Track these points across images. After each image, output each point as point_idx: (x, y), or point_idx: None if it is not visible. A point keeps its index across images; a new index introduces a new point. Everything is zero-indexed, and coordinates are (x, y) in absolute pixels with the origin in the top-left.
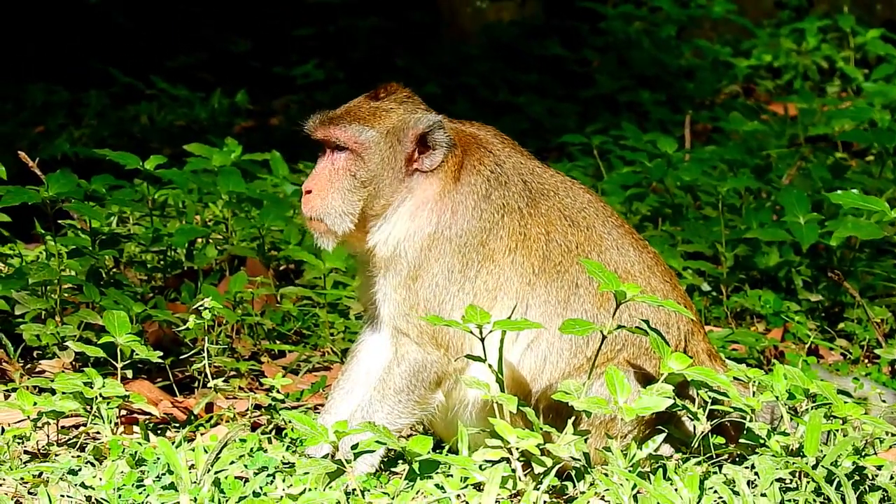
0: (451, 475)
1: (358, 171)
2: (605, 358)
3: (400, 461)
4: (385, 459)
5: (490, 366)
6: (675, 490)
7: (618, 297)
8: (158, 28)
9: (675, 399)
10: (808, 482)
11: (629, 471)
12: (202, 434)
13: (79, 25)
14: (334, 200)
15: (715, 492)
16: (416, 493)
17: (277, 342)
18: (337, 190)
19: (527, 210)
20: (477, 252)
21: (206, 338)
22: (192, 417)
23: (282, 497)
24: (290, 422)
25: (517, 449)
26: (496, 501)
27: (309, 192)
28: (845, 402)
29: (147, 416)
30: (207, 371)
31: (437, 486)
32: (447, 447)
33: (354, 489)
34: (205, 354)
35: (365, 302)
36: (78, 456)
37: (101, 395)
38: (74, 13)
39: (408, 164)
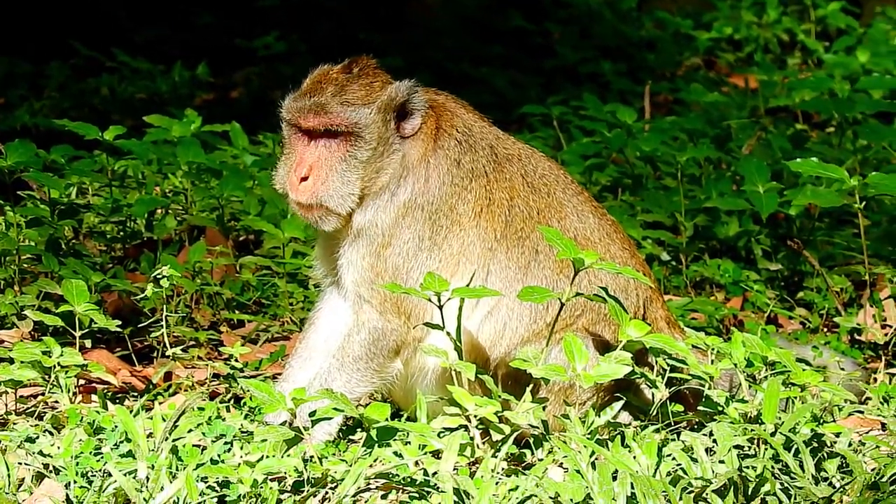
0: (409, 442)
1: (358, 151)
2: (564, 324)
3: (358, 429)
4: (343, 427)
5: (448, 333)
6: (634, 457)
7: (576, 264)
8: (120, 1)
9: (633, 367)
10: (766, 449)
11: (587, 438)
12: (160, 403)
13: None
14: (335, 183)
15: (673, 458)
16: (374, 460)
17: (236, 312)
18: (337, 173)
19: (493, 175)
20: (446, 217)
21: (165, 307)
22: (151, 386)
23: (239, 464)
24: (248, 390)
25: (475, 416)
26: (454, 468)
27: (304, 178)
28: (804, 370)
29: (105, 386)
30: (166, 340)
31: (395, 453)
32: (405, 415)
33: (312, 456)
34: (163, 324)
35: (325, 270)
36: (36, 425)
37: (59, 364)
38: None
39: (397, 134)
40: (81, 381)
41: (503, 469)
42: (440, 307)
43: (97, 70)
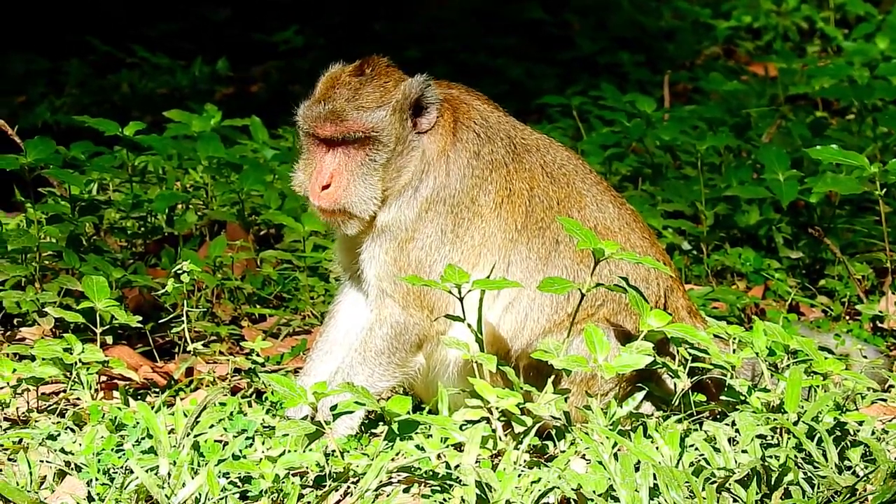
0: (431, 436)
1: (377, 154)
2: (585, 314)
3: (380, 423)
4: (365, 421)
5: (469, 325)
6: (656, 448)
7: (596, 254)
8: None
9: (655, 357)
10: (789, 438)
11: (609, 429)
12: (182, 399)
13: None
14: (358, 188)
15: (696, 449)
16: (396, 453)
17: (257, 306)
18: (358, 178)
19: (512, 165)
20: (468, 209)
21: (186, 302)
22: (172, 382)
23: (261, 459)
24: (269, 384)
25: (497, 409)
26: (476, 461)
27: (326, 186)
28: (826, 359)
29: (127, 382)
30: (187, 336)
31: (417, 446)
32: (427, 408)
33: (334, 450)
34: (184, 319)
35: (345, 264)
36: (58, 422)
37: (80, 360)
38: None
39: (414, 131)
40: (103, 378)
41: (525, 461)
42: (460, 299)
43: (116, 66)
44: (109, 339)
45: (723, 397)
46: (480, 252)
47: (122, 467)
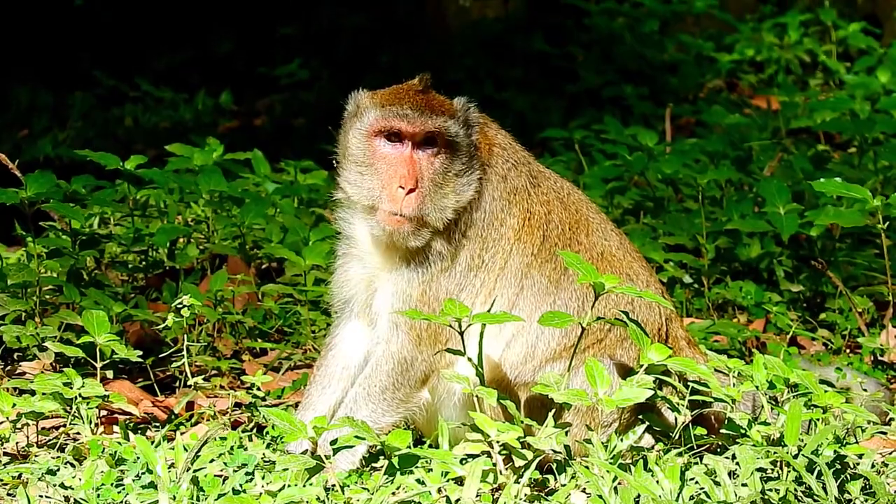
0: (432, 469)
1: (453, 163)
2: (594, 339)
3: (381, 457)
4: (366, 455)
5: (469, 359)
6: (657, 481)
7: (596, 288)
8: (143, 28)
9: (655, 390)
10: (789, 471)
11: (610, 462)
12: (182, 433)
13: (64, 26)
14: (437, 196)
15: (696, 482)
16: (397, 488)
17: (259, 340)
18: (439, 185)
19: (532, 190)
20: (497, 232)
21: (187, 337)
22: (173, 416)
23: (261, 494)
24: (269, 419)
25: (498, 442)
26: (477, 495)
27: (411, 190)
28: (826, 391)
29: (127, 416)
30: (188, 370)
31: (417, 480)
32: (428, 442)
33: (334, 485)
34: (185, 353)
35: (348, 296)
36: (57, 457)
37: (80, 395)
38: (59, 14)
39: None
40: (103, 412)
41: (526, 495)
42: (461, 333)
43: (120, 99)
44: (110, 374)
45: (723, 430)
46: (498, 276)
47: (121, 502)
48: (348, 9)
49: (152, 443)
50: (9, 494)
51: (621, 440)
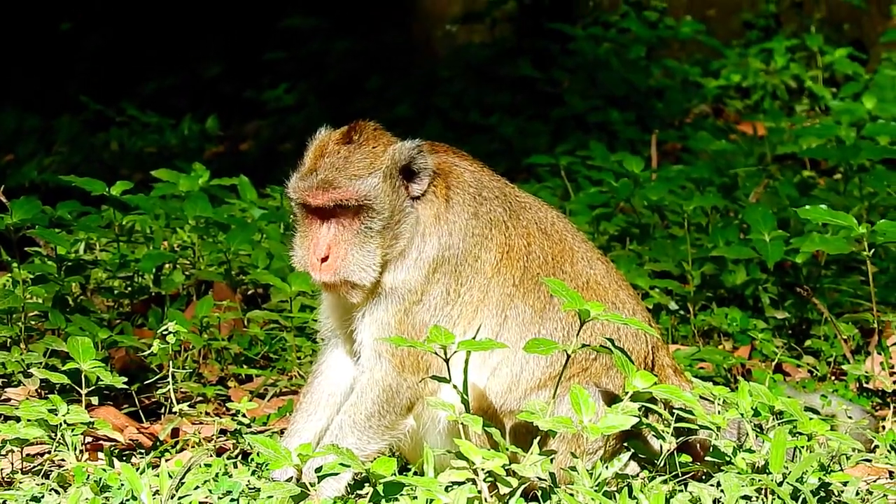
0: (417, 497)
1: (372, 222)
2: (579, 367)
3: (366, 484)
4: (351, 483)
5: (455, 386)
6: None
7: (581, 315)
8: (130, 53)
9: (640, 418)
10: (773, 499)
11: (595, 490)
12: (167, 460)
13: (50, 51)
14: (356, 258)
15: None
16: None
17: (244, 366)
18: (356, 247)
19: (510, 222)
20: (471, 267)
21: (172, 363)
22: (158, 443)
23: None
24: (254, 446)
25: (483, 469)
26: None
27: (325, 258)
28: (811, 419)
29: (112, 443)
30: (173, 396)
31: None
32: (413, 469)
33: None
34: (170, 380)
35: (334, 326)
36: (42, 483)
37: (65, 421)
38: (46, 39)
39: (407, 195)
40: (88, 439)
41: None
42: (446, 360)
43: (106, 124)
44: (95, 400)
45: (708, 458)
46: (478, 308)
47: None
48: (335, 34)
49: (137, 469)
50: None
51: (606, 467)
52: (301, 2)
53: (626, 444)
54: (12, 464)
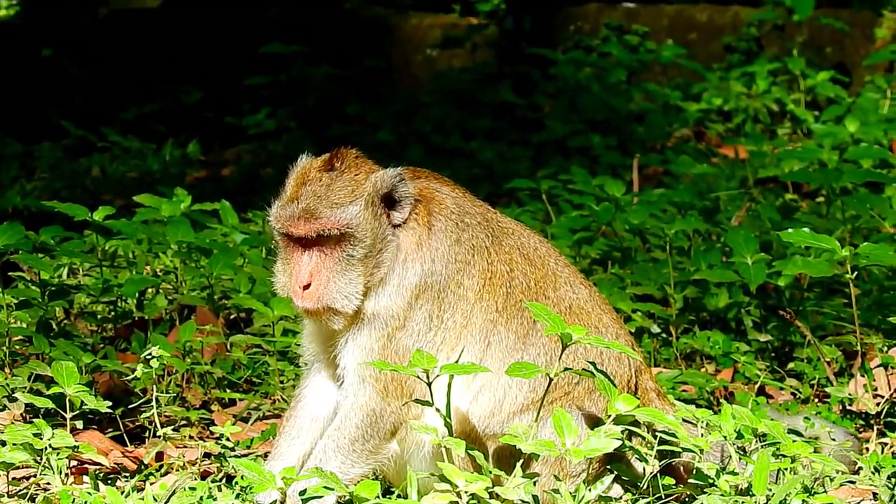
0: None
1: (353, 250)
2: (562, 392)
3: None
4: None
5: (438, 410)
6: None
7: (564, 339)
8: (112, 79)
9: (623, 440)
10: None
11: None
12: (152, 483)
13: (32, 78)
14: (338, 285)
15: None
16: None
17: (227, 390)
18: (338, 274)
19: (493, 248)
20: (454, 293)
21: (156, 387)
22: (143, 467)
23: None
24: (239, 469)
25: (466, 492)
26: None
27: (307, 286)
28: (794, 441)
29: (97, 466)
30: (157, 420)
31: None
32: (396, 492)
33: None
34: (154, 404)
35: (316, 351)
36: None
37: (50, 445)
38: (27, 66)
39: (388, 222)
40: (73, 463)
41: None
42: (429, 384)
43: (88, 150)
44: (80, 424)
45: (691, 480)
46: (461, 334)
47: None
48: (315, 60)
49: (122, 493)
50: None
51: (589, 490)
52: (281, 28)
53: (609, 467)
54: None
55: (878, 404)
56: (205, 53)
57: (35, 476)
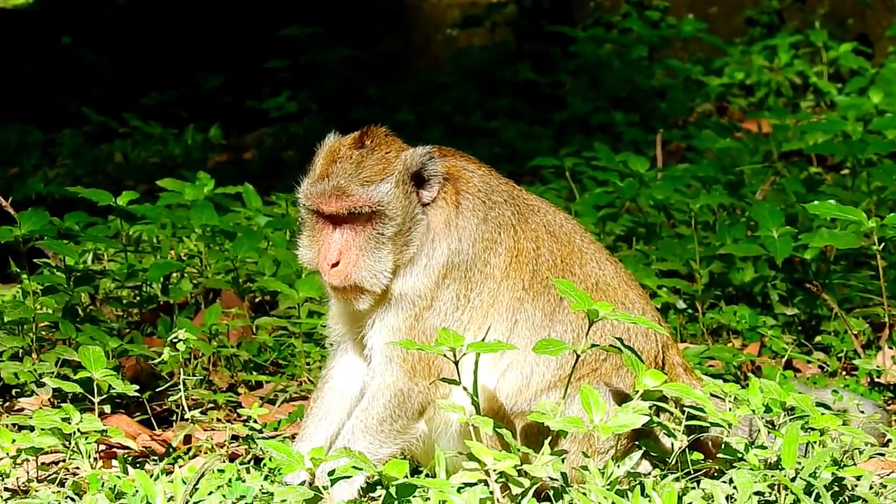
0: (430, 499)
1: (384, 228)
2: (589, 368)
3: (378, 487)
4: (364, 486)
5: (465, 388)
6: None
7: (590, 315)
8: (130, 65)
9: (651, 416)
10: (786, 494)
11: (607, 489)
12: (181, 466)
13: (52, 65)
14: (368, 263)
15: None
16: None
17: (254, 373)
18: (368, 252)
19: (519, 226)
20: (480, 272)
21: (183, 371)
22: (171, 450)
23: None
24: (267, 451)
25: (495, 470)
26: None
27: (336, 264)
28: (823, 414)
29: (126, 450)
30: (184, 403)
31: None
32: (425, 471)
33: None
34: (181, 387)
35: (344, 331)
36: (58, 491)
37: (79, 430)
38: (47, 53)
39: (418, 201)
40: (102, 447)
41: None
42: (455, 363)
43: (110, 136)
44: (107, 409)
45: (720, 455)
46: (488, 312)
47: None
48: (334, 42)
49: (151, 476)
50: None
51: (618, 466)
52: (299, 11)
53: (637, 443)
54: (28, 472)
55: None
56: (223, 38)
57: (64, 461)
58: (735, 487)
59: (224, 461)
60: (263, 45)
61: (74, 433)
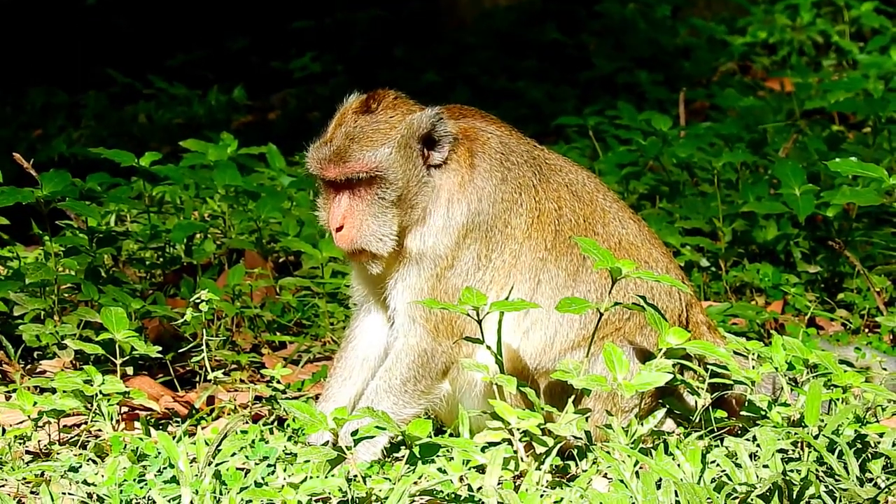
0: (453, 458)
1: (385, 192)
2: (613, 327)
3: (402, 447)
4: (387, 446)
5: (489, 347)
6: (678, 465)
7: (613, 273)
8: (156, 27)
9: (675, 374)
10: (809, 452)
11: (631, 447)
12: (203, 427)
13: (76, 27)
14: (371, 227)
15: (717, 465)
16: (418, 477)
17: (277, 333)
18: (371, 217)
19: (540, 186)
20: (501, 232)
21: (206, 331)
22: (194, 411)
23: (283, 486)
24: (290, 411)
25: (518, 430)
26: (498, 483)
27: (340, 228)
28: (845, 371)
29: (148, 412)
30: (207, 365)
31: (439, 469)
32: (448, 431)
33: (356, 475)
34: (204, 348)
35: (366, 291)
36: (80, 454)
37: (101, 392)
38: (72, 15)
39: (425, 165)
40: (124, 409)
41: (547, 481)
42: (479, 321)
43: (134, 97)
44: (130, 370)
45: (743, 412)
46: (511, 272)
47: (144, 497)
48: (361, 2)
49: (174, 438)
50: (32, 492)
51: (642, 425)
52: None
53: (661, 401)
54: (49, 435)
55: None
56: None
57: (86, 423)
58: (758, 445)
59: (247, 422)
60: (289, 6)
61: (96, 395)
